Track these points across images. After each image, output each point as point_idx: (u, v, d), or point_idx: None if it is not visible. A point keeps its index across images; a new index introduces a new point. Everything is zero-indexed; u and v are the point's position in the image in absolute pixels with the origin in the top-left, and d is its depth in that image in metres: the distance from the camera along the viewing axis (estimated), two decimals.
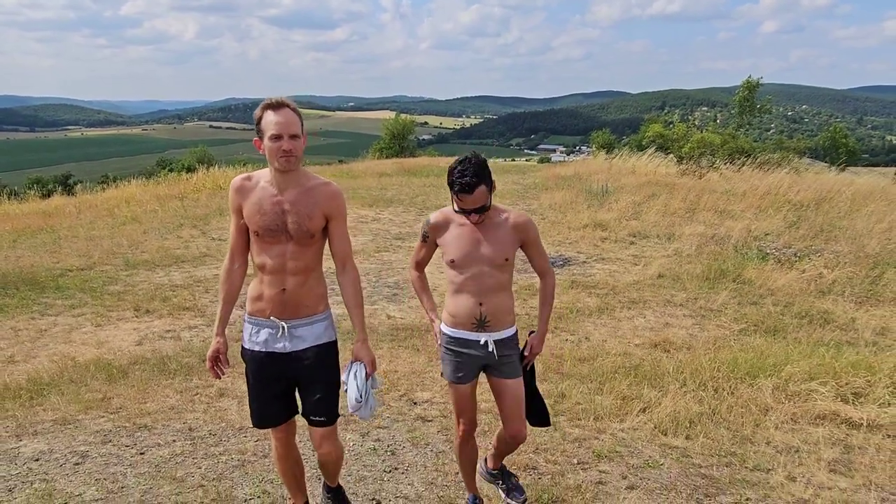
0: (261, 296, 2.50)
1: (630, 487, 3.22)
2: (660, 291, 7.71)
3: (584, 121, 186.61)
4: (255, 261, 2.52)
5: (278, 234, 2.44)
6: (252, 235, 2.50)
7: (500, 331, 2.70)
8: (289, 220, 2.44)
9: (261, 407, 2.60)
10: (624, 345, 5.89)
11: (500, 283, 2.66)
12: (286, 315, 2.49)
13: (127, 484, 3.17)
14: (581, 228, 11.48)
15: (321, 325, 2.57)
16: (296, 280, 2.48)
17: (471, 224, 2.64)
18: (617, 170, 18.05)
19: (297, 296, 2.49)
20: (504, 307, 2.71)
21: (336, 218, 2.54)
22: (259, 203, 2.45)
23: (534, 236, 2.73)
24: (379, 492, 3.13)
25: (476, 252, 2.63)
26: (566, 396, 4.52)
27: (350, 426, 3.99)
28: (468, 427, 2.85)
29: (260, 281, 2.51)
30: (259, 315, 2.52)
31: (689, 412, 4.14)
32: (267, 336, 2.52)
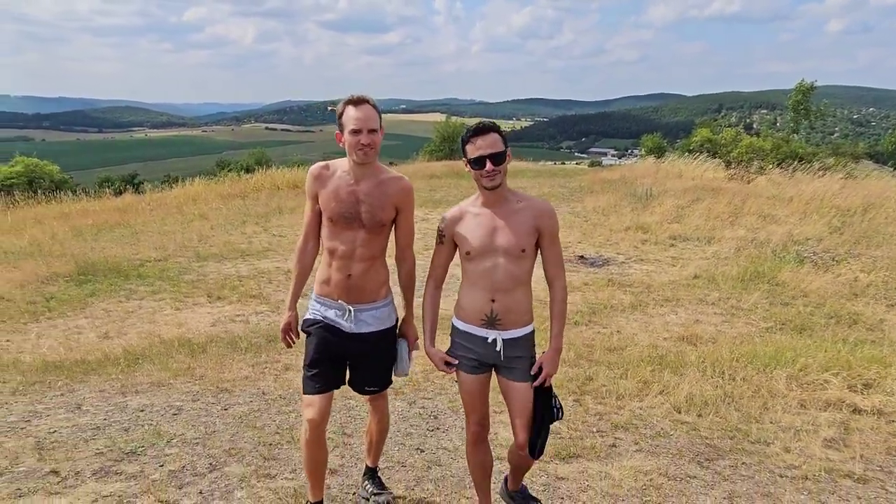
0: (328, 280, 2.68)
1: (639, 451, 3.70)
2: (694, 291, 8.05)
3: (636, 123, 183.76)
4: (325, 246, 2.69)
5: (351, 222, 2.61)
6: (326, 221, 2.67)
7: (511, 329, 2.54)
8: (363, 209, 2.61)
9: (319, 369, 2.71)
10: (653, 338, 6.31)
11: (515, 277, 2.50)
12: (352, 299, 2.68)
13: (217, 429, 3.84)
14: (623, 231, 11.82)
15: (384, 311, 2.77)
16: (362, 266, 2.65)
17: (487, 213, 2.53)
18: (664, 174, 18.21)
19: (363, 281, 2.67)
20: (519, 305, 2.53)
21: (405, 210, 2.73)
22: (336, 191, 2.63)
23: (553, 227, 2.56)
24: (423, 444, 3.70)
25: (492, 242, 2.50)
26: (593, 379, 4.99)
27: (398, 396, 4.57)
28: (478, 428, 2.70)
29: (329, 265, 2.69)
30: (327, 296, 2.71)
31: (703, 395, 4.56)
32: (335, 314, 2.71)
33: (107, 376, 5.10)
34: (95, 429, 3.82)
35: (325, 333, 2.71)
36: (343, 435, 3.85)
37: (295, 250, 2.83)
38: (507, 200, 2.56)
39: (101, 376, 5.10)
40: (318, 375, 2.70)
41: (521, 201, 2.57)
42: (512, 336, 2.55)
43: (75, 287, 8.56)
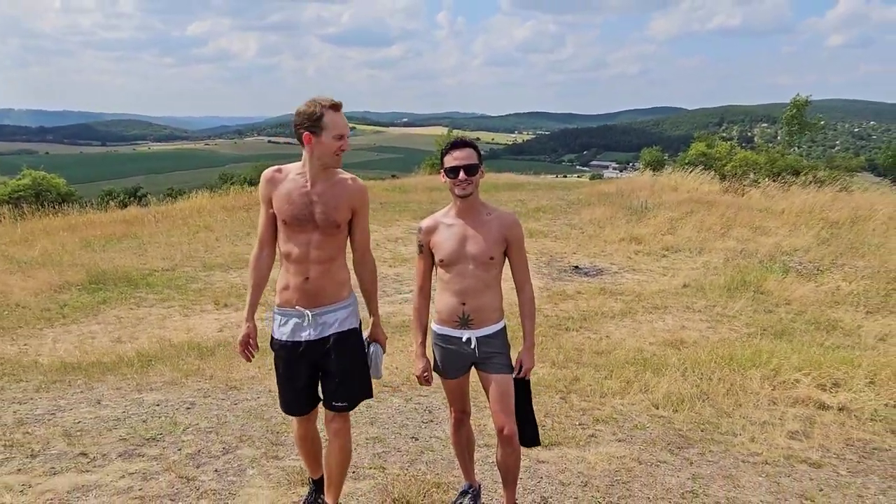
0: (287, 286, 2.65)
1: (617, 440, 4.03)
2: (682, 299, 8.38)
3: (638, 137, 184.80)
4: (281, 250, 2.67)
5: (305, 224, 2.60)
6: (280, 224, 2.65)
7: (483, 328, 2.78)
8: (316, 211, 2.60)
9: (288, 395, 2.77)
10: (640, 343, 6.64)
11: (484, 282, 2.74)
12: (311, 303, 2.64)
13: (228, 420, 4.18)
14: (617, 242, 12.16)
15: (344, 312, 2.73)
16: (319, 269, 2.64)
17: (459, 223, 2.77)
18: (660, 187, 18.56)
19: (320, 284, 2.65)
20: (489, 305, 2.77)
21: (360, 212, 2.73)
22: (289, 193, 2.61)
23: (518, 237, 2.80)
24: (417, 433, 4.03)
25: (462, 250, 2.74)
26: (579, 380, 5.31)
27: (396, 392, 4.90)
28: (460, 415, 3.02)
29: (286, 270, 2.67)
30: (286, 305, 2.68)
31: (681, 393, 4.89)
32: (293, 325, 2.67)
33: (122, 376, 5.44)
34: (116, 420, 4.16)
35: (288, 353, 2.71)
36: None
37: (250, 259, 2.78)
38: (478, 212, 2.79)
39: (117, 376, 5.44)
40: (291, 399, 2.78)
41: (491, 213, 2.81)
42: (484, 333, 2.79)
43: (87, 295, 8.92)
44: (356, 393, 2.78)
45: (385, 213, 15.47)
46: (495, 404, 2.80)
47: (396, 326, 7.41)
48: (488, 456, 3.68)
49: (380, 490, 3.21)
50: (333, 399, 2.74)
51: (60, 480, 3.22)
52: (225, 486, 3.23)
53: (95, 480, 3.23)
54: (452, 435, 3.08)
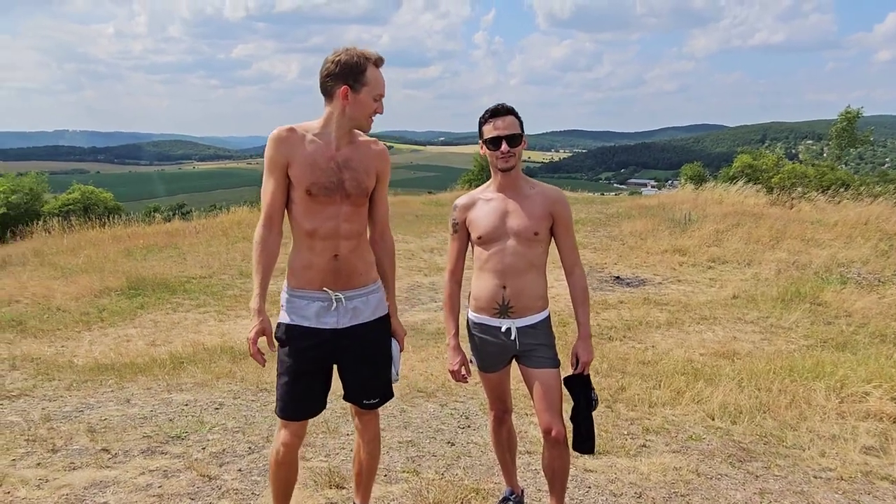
0: (310, 264, 2.26)
1: (671, 451, 3.70)
2: (732, 310, 7.97)
3: (677, 154, 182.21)
4: (303, 228, 2.25)
5: (333, 193, 2.24)
6: (301, 196, 2.23)
7: (525, 317, 2.49)
8: (346, 178, 2.26)
9: (300, 393, 2.32)
10: (689, 353, 6.28)
11: (527, 261, 2.46)
12: (340, 285, 2.28)
13: (256, 421, 4.00)
14: (660, 253, 11.77)
15: (377, 297, 2.40)
16: (349, 245, 2.29)
17: (499, 197, 2.51)
18: (703, 200, 18.03)
19: (351, 262, 2.29)
20: (531, 290, 2.49)
21: (383, 179, 2.41)
22: (312, 158, 2.23)
23: (566, 214, 2.53)
24: (454, 439, 3.78)
25: (503, 226, 2.47)
26: (625, 389, 4.99)
27: (430, 399, 4.66)
28: (499, 413, 2.73)
29: (308, 249, 2.27)
30: (308, 287, 2.28)
31: (738, 404, 4.53)
32: (317, 309, 2.27)
33: (154, 377, 5.33)
34: (143, 418, 4.02)
35: (306, 341, 2.28)
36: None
37: (255, 240, 2.26)
38: (520, 186, 2.52)
39: (149, 376, 5.34)
40: (298, 398, 2.32)
41: (535, 188, 2.54)
42: (526, 323, 2.50)
43: (126, 300, 8.95)
44: (389, 389, 2.47)
45: (420, 224, 15.34)
46: (540, 403, 2.49)
47: (431, 334, 7.20)
48: (531, 463, 3.41)
49: (414, 494, 2.97)
50: (364, 397, 2.41)
51: (79, 475, 3.07)
52: (248, 486, 3.03)
53: (114, 476, 3.07)
54: (492, 435, 2.80)
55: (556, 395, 2.50)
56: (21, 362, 5.92)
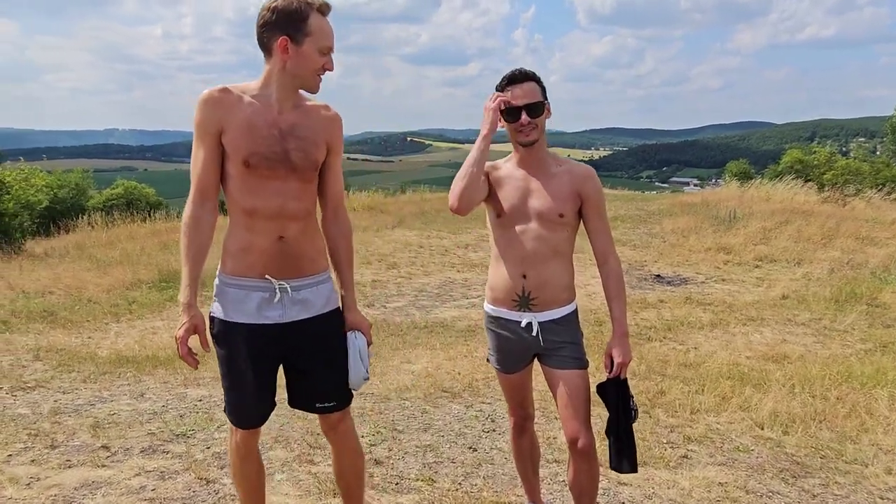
0: (249, 247, 1.94)
1: (715, 464, 3.36)
2: (781, 311, 7.49)
3: (721, 152, 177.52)
4: (241, 205, 1.94)
5: (276, 166, 1.92)
6: (237, 168, 1.91)
7: (548, 310, 2.21)
8: (291, 148, 1.93)
9: (244, 398, 2.05)
10: (734, 356, 5.86)
11: (551, 247, 2.17)
12: (285, 273, 1.97)
13: (269, 419, 3.78)
14: (703, 251, 11.26)
15: (326, 287, 2.09)
16: (297, 226, 1.97)
17: (522, 174, 2.23)
18: (749, 198, 17.33)
19: (299, 246, 1.99)
20: (555, 280, 2.20)
21: (336, 150, 2.08)
22: (250, 123, 1.90)
23: (597, 194, 2.22)
24: (476, 443, 3.50)
25: (524, 205, 2.19)
26: (665, 393, 4.64)
27: (455, 399, 4.39)
28: (520, 420, 2.47)
29: (247, 229, 1.94)
30: (248, 274, 1.95)
31: (790, 412, 4.14)
32: (258, 302, 1.96)
33: (173, 370, 5.20)
34: (153, 413, 3.86)
35: (247, 341, 1.97)
36: (393, 430, 3.70)
37: (184, 220, 1.93)
38: (545, 162, 2.24)
39: (169, 370, 5.21)
40: (246, 406, 2.06)
41: (562, 165, 2.25)
42: (550, 318, 2.21)
43: (156, 292, 8.92)
44: (347, 389, 2.12)
45: (456, 221, 15.07)
46: (565, 409, 2.20)
47: (461, 331, 6.93)
48: (558, 473, 3.11)
49: None
50: (316, 400, 2.09)
51: (71, 475, 2.90)
52: None
53: (108, 477, 2.89)
54: (513, 444, 2.53)
55: (583, 400, 2.20)
56: (45, 353, 5.87)
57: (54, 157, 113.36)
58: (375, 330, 6.98)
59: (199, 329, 1.93)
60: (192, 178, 1.94)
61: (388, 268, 10.57)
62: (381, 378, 4.92)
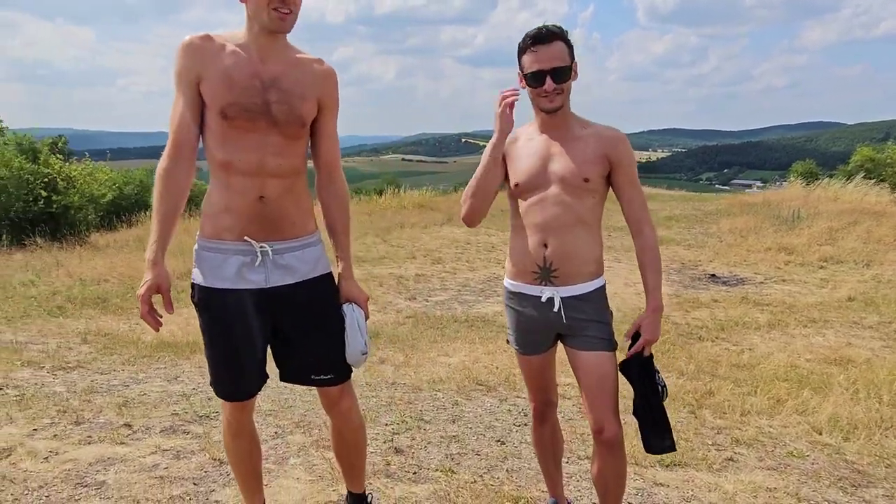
0: (227, 207, 1.83)
1: (765, 468, 3.09)
2: (847, 313, 7.01)
3: (787, 154, 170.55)
4: (217, 158, 1.82)
5: (256, 118, 1.79)
6: (215, 119, 1.80)
7: (572, 284, 2.01)
8: (273, 100, 1.81)
9: (229, 370, 1.92)
10: (792, 358, 5.48)
11: (575, 215, 1.98)
12: (267, 235, 1.84)
13: (294, 405, 3.72)
14: (763, 251, 10.72)
15: (314, 251, 1.95)
16: (278, 185, 1.84)
17: (543, 139, 2.04)
18: (815, 198, 16.47)
19: (281, 206, 1.85)
20: (580, 251, 2.00)
21: (330, 107, 1.94)
22: (228, 72, 1.78)
23: (627, 158, 2.01)
24: (505, 437, 3.33)
25: (545, 171, 2.00)
26: (714, 394, 4.36)
27: (491, 392, 4.23)
28: (540, 405, 2.30)
29: (225, 187, 1.83)
30: (226, 237, 1.84)
31: (853, 417, 3.81)
32: (238, 266, 1.84)
33: None
34: (181, 395, 3.84)
35: (227, 308, 1.85)
36: (420, 420, 3.56)
37: (157, 174, 1.84)
38: (569, 126, 2.03)
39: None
40: (229, 377, 1.92)
41: (587, 128, 2.04)
42: (573, 293, 2.00)
43: None
44: (343, 360, 1.97)
45: (504, 218, 14.75)
46: (589, 395, 2.01)
47: (501, 326, 6.74)
48: (589, 470, 2.91)
49: (440, 497, 2.55)
50: (311, 371, 1.96)
51: (89, 450, 2.88)
52: None
53: (124, 454, 2.86)
54: (533, 433, 2.35)
55: (609, 386, 2.00)
56: (94, 337, 6.00)
57: (125, 157, 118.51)
58: (415, 322, 6.89)
59: (163, 288, 1.84)
60: (169, 130, 1.83)
61: (433, 263, 10.47)
62: (415, 369, 4.81)
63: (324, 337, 1.94)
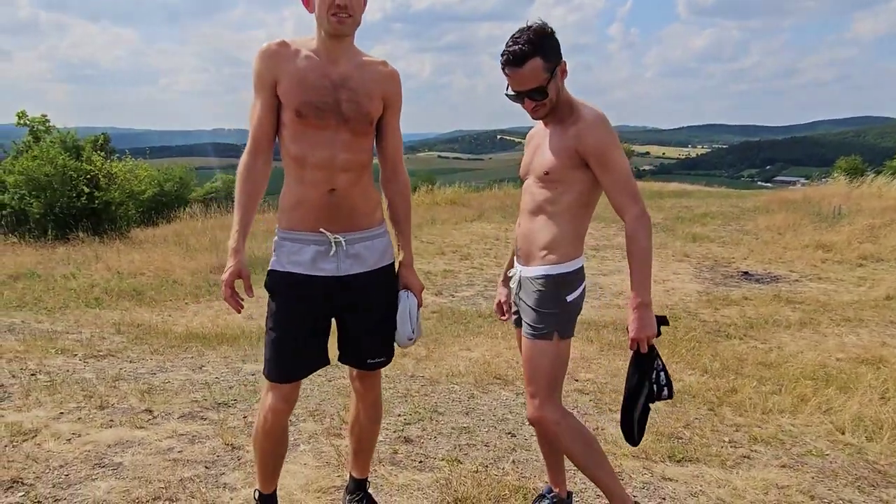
0: (302, 200, 1.97)
1: (779, 465, 3.03)
2: (884, 312, 6.79)
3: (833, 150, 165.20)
4: (292, 154, 1.97)
5: (327, 116, 1.93)
6: (290, 117, 1.95)
7: (528, 266, 2.11)
8: (342, 98, 1.94)
9: (290, 351, 2.00)
10: (822, 357, 5.35)
11: (537, 203, 2.09)
12: (339, 226, 1.98)
13: (312, 394, 3.79)
14: (800, 249, 10.45)
15: (382, 242, 2.10)
16: (348, 178, 1.98)
17: (542, 132, 2.14)
18: (858, 194, 15.97)
19: (351, 199, 1.99)
20: (536, 236, 2.08)
21: (394, 106, 2.08)
22: (303, 74, 1.93)
23: (594, 145, 1.97)
24: (516, 429, 3.34)
25: (530, 163, 2.16)
26: (736, 391, 4.29)
27: (508, 386, 4.24)
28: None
29: (299, 181, 1.97)
30: (301, 228, 1.99)
31: (878, 417, 3.70)
32: (313, 254, 1.98)
33: (237, 347, 5.35)
34: (204, 384, 3.96)
35: (300, 292, 1.99)
36: (434, 412, 3.60)
37: (238, 170, 2.00)
38: (560, 120, 2.06)
39: (233, 347, 5.37)
40: (288, 358, 2.01)
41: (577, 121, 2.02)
42: (524, 274, 2.12)
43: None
44: (392, 345, 2.16)
45: None
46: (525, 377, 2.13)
47: None
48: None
49: (441, 485, 2.58)
50: (368, 356, 2.11)
51: (109, 433, 3.00)
52: None
53: (142, 437, 2.97)
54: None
55: (533, 370, 2.07)
56: (127, 327, 6.21)
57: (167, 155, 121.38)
58: (440, 317, 6.93)
59: (244, 274, 1.97)
60: (249, 129, 2.01)
61: (462, 258, 10.50)
62: (436, 363, 4.84)
63: (381, 323, 2.10)
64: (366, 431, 2.28)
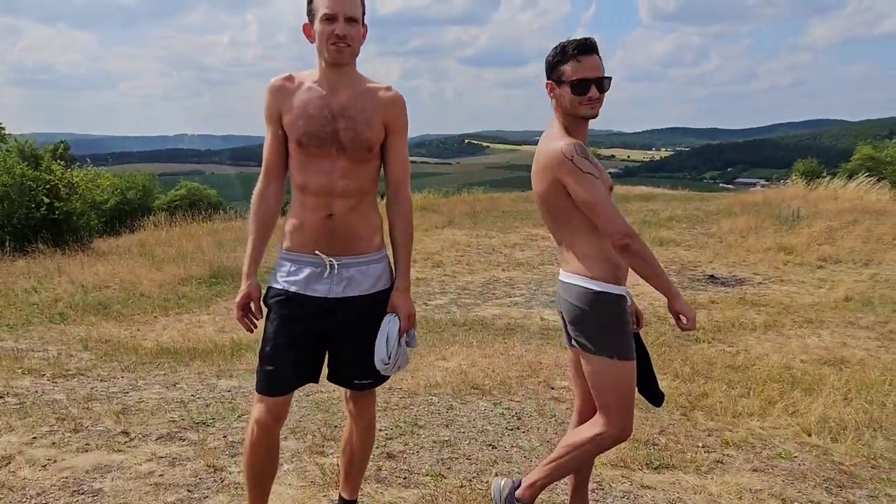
0: (302, 224, 2.07)
1: (752, 469, 3.13)
2: (843, 313, 7.03)
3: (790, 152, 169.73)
4: (295, 181, 2.08)
5: (326, 145, 2.01)
6: (293, 147, 2.05)
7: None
8: (340, 126, 2.01)
9: (279, 365, 2.06)
10: (787, 359, 5.52)
11: None
12: (335, 250, 2.04)
13: (291, 410, 3.70)
14: (762, 251, 10.74)
15: (378, 267, 2.13)
16: (345, 204, 2.04)
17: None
18: (816, 197, 16.47)
19: (348, 223, 2.05)
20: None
21: (397, 131, 2.12)
22: (304, 105, 2.03)
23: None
24: (497, 441, 3.38)
25: None
26: (707, 395, 4.40)
27: (484, 397, 4.28)
28: None
29: (301, 206, 2.06)
30: (300, 249, 2.08)
31: (843, 418, 3.84)
32: (308, 275, 2.06)
33: (210, 362, 5.29)
34: (179, 402, 3.91)
35: (292, 309, 2.05)
36: (414, 425, 3.62)
37: (252, 198, 2.12)
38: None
39: (206, 362, 5.30)
40: (280, 371, 2.05)
41: None
42: None
43: (206, 288, 9.16)
44: None
45: (506, 220, 14.94)
46: None
47: (500, 329, 6.79)
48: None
49: (427, 501, 2.61)
50: (354, 377, 2.16)
51: (86, 458, 2.95)
52: None
53: (120, 461, 2.92)
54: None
55: None
56: (94, 343, 6.07)
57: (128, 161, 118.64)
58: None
59: (254, 297, 2.13)
60: (263, 159, 2.13)
61: (434, 266, 10.52)
62: (412, 374, 4.85)
63: (370, 348, 2.10)
64: (357, 454, 2.32)
